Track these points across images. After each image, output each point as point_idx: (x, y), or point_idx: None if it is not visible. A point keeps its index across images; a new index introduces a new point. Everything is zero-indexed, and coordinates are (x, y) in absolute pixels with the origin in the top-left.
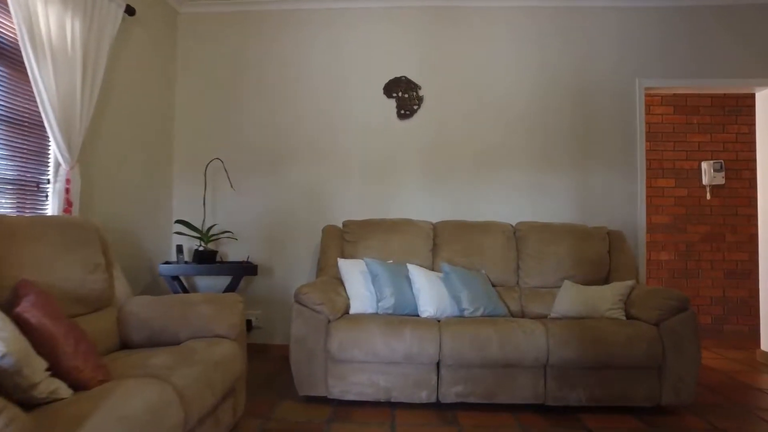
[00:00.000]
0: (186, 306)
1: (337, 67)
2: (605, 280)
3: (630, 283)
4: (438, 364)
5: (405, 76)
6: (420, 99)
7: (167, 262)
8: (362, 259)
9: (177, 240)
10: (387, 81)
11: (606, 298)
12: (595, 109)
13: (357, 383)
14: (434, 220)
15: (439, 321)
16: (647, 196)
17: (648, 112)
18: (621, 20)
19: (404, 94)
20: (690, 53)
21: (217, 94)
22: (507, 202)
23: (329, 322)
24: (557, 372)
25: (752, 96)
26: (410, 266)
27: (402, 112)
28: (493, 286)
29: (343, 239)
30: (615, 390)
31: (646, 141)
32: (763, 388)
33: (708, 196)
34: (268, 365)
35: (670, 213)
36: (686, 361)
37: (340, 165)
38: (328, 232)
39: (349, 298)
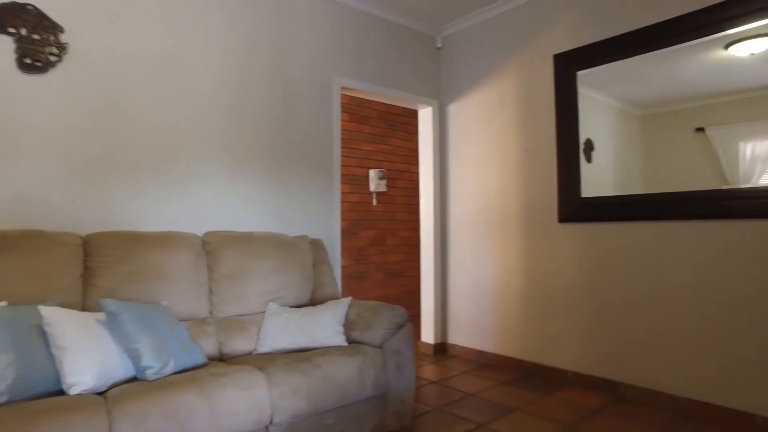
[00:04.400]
0: None
1: None
2: (311, 299)
3: (346, 301)
4: None
5: (33, 6)
6: (62, 47)
7: None
8: None
9: None
10: None
11: (325, 322)
12: (295, 101)
13: None
14: (84, 232)
15: (104, 397)
16: None
17: None
18: (325, 10)
19: (32, 34)
20: (380, 61)
21: None
22: (191, 207)
23: None
24: (283, 430)
25: (406, 113)
26: (44, 309)
27: (28, 61)
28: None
29: None
30: (348, 430)
31: None
32: (436, 379)
33: (374, 202)
34: None
35: (347, 218)
36: (406, 381)
37: None
38: None
39: None
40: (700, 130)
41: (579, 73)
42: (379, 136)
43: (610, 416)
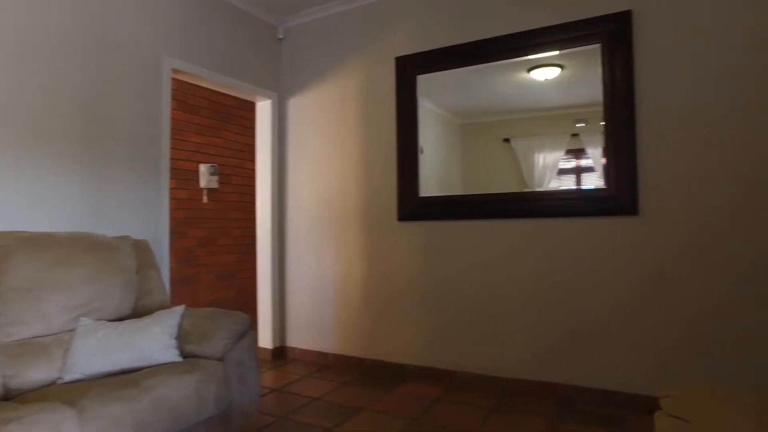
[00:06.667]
0: None
1: None
2: (134, 309)
3: (179, 310)
4: None
5: None
6: None
7: None
8: None
9: None
10: None
11: (154, 336)
12: (114, 79)
13: None
14: None
15: None
16: None
17: None
18: None
19: None
20: (216, 46)
21: None
22: None
23: None
24: None
25: (241, 105)
26: None
27: None
28: None
29: None
30: None
31: None
32: (278, 386)
33: (205, 200)
34: None
35: (174, 217)
36: (250, 393)
37: None
38: None
39: None
40: (507, 140)
41: (419, 76)
42: (211, 128)
43: (449, 404)
